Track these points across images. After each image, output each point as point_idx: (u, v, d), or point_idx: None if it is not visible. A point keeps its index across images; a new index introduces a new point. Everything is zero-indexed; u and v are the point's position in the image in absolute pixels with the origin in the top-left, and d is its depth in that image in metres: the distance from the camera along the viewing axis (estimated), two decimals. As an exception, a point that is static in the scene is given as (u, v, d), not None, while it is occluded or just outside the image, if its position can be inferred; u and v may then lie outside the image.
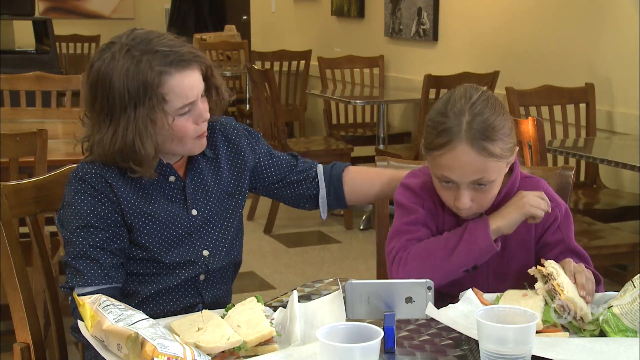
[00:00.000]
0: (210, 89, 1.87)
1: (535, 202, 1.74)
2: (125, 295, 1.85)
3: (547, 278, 1.57)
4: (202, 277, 1.90)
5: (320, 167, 2.09)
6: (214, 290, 1.92)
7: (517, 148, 1.81)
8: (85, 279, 1.76)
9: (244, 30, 8.99)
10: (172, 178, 1.87)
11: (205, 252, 1.89)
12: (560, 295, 1.52)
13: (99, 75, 1.77)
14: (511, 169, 1.83)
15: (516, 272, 1.81)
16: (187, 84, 1.78)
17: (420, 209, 1.83)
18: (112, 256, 1.80)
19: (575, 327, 1.53)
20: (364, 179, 2.08)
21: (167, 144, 1.81)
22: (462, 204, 1.74)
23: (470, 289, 1.65)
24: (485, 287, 1.78)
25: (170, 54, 1.76)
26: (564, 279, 1.57)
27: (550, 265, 1.58)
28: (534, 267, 1.62)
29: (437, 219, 1.85)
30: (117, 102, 1.75)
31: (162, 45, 1.77)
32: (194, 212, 1.88)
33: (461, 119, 1.70)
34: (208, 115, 1.84)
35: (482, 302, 1.62)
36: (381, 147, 5.41)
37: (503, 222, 1.75)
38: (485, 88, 1.80)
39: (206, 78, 1.85)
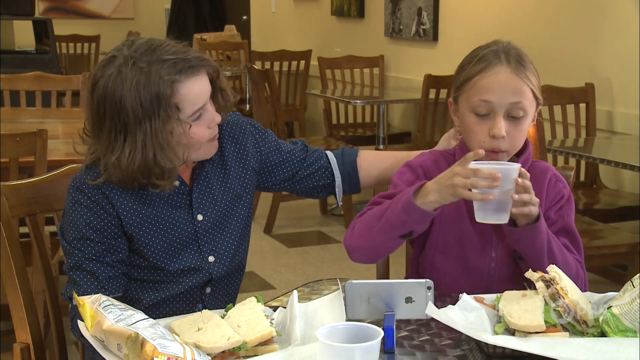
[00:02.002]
0: (216, 91, 1.84)
1: (462, 183, 1.66)
2: (129, 302, 1.85)
3: (549, 282, 1.56)
4: (208, 289, 1.89)
5: (331, 155, 2.06)
6: (219, 302, 1.90)
7: (541, 105, 1.86)
8: (82, 291, 1.75)
9: (244, 30, 9.00)
10: (176, 183, 1.84)
11: (211, 258, 1.88)
12: (564, 297, 1.52)
13: (105, 93, 1.70)
14: (525, 144, 1.87)
15: None
16: (197, 89, 1.74)
17: (403, 187, 1.82)
18: (108, 268, 1.78)
19: (579, 331, 1.53)
20: (380, 164, 2.06)
21: (186, 153, 1.78)
22: (498, 130, 1.75)
23: (464, 294, 1.64)
24: (495, 258, 1.83)
25: (178, 62, 1.71)
26: (567, 282, 1.57)
27: (553, 270, 1.58)
28: (530, 270, 1.61)
29: None
30: (130, 118, 1.69)
31: (168, 53, 1.72)
32: (200, 217, 1.86)
33: (498, 48, 1.81)
34: (219, 118, 1.81)
35: (482, 304, 1.62)
36: (381, 147, 5.41)
37: (435, 196, 1.70)
38: None
39: (212, 81, 1.81)
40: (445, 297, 1.75)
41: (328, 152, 2.07)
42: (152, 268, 1.84)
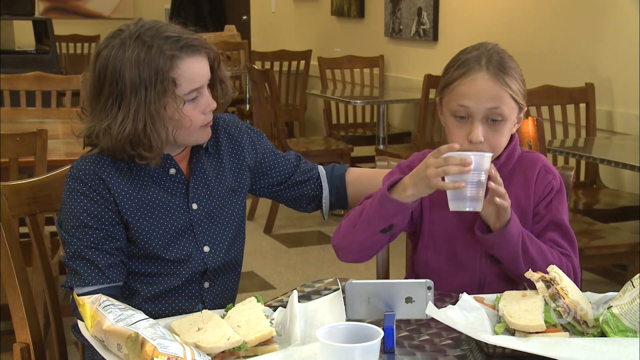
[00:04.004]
0: (215, 81, 1.87)
1: (435, 173, 1.70)
2: (128, 293, 1.86)
3: (549, 282, 1.56)
4: (206, 284, 1.90)
5: (321, 168, 2.09)
6: (218, 299, 1.91)
7: (526, 108, 1.87)
8: (82, 279, 1.77)
9: (244, 30, 9.00)
10: (172, 171, 1.86)
11: (206, 248, 1.89)
12: (564, 298, 1.52)
13: (107, 62, 1.76)
14: (511, 138, 1.88)
15: None
16: (197, 68, 1.79)
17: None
18: (107, 256, 1.79)
19: (579, 331, 1.53)
20: (367, 180, 2.08)
21: (175, 130, 1.80)
22: (475, 136, 1.77)
23: (464, 294, 1.65)
24: (484, 256, 1.84)
25: (181, 40, 1.77)
26: (567, 282, 1.57)
27: (553, 270, 1.58)
28: (530, 271, 1.62)
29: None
30: (127, 87, 1.74)
31: (172, 31, 1.78)
32: (194, 206, 1.88)
33: (480, 53, 1.82)
34: (215, 105, 1.84)
35: (482, 304, 1.62)
36: (381, 147, 5.41)
37: (411, 189, 1.73)
38: None
39: (212, 69, 1.85)
40: (445, 297, 1.76)
41: (319, 166, 2.10)
42: (149, 257, 1.84)
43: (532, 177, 1.87)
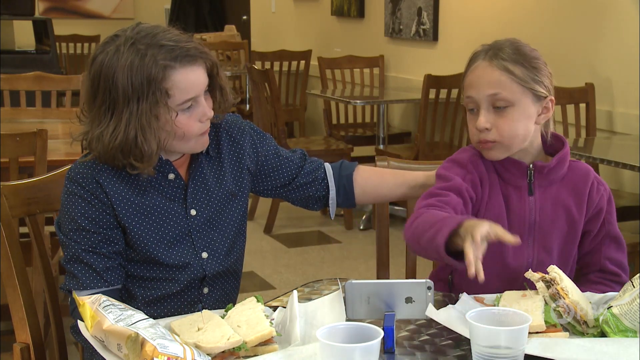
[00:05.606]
0: (214, 88, 1.84)
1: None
2: (127, 297, 1.85)
3: (550, 283, 1.56)
4: (205, 290, 1.89)
5: (328, 167, 2.06)
6: (217, 303, 1.90)
7: (553, 100, 1.83)
8: (81, 283, 1.76)
9: (244, 30, 9.00)
10: (171, 176, 1.85)
11: (205, 255, 1.88)
12: (565, 298, 1.52)
13: (102, 68, 1.73)
14: (562, 143, 1.85)
15: (561, 248, 1.84)
16: (192, 79, 1.75)
17: (457, 178, 1.81)
18: (105, 259, 1.78)
19: (579, 332, 1.53)
20: (376, 181, 2.05)
21: (170, 141, 1.78)
22: (479, 123, 1.78)
23: (464, 294, 1.64)
24: (532, 258, 1.82)
25: (176, 49, 1.74)
26: (567, 282, 1.57)
27: (553, 271, 1.58)
28: (530, 271, 1.61)
29: (482, 193, 1.81)
30: (119, 95, 1.72)
31: (168, 39, 1.74)
32: (193, 212, 1.86)
33: (490, 46, 1.83)
34: (212, 113, 1.81)
35: (482, 305, 1.62)
36: (381, 147, 5.41)
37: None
38: None
39: (211, 76, 1.82)
40: (445, 297, 1.76)
41: (326, 164, 2.06)
42: (147, 262, 1.83)
43: (584, 189, 1.85)
